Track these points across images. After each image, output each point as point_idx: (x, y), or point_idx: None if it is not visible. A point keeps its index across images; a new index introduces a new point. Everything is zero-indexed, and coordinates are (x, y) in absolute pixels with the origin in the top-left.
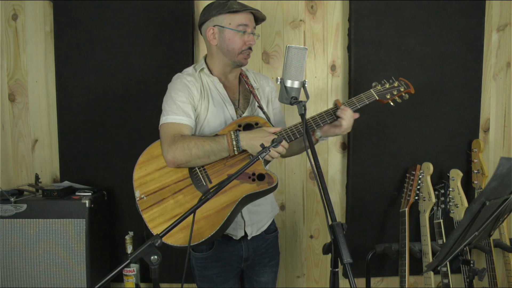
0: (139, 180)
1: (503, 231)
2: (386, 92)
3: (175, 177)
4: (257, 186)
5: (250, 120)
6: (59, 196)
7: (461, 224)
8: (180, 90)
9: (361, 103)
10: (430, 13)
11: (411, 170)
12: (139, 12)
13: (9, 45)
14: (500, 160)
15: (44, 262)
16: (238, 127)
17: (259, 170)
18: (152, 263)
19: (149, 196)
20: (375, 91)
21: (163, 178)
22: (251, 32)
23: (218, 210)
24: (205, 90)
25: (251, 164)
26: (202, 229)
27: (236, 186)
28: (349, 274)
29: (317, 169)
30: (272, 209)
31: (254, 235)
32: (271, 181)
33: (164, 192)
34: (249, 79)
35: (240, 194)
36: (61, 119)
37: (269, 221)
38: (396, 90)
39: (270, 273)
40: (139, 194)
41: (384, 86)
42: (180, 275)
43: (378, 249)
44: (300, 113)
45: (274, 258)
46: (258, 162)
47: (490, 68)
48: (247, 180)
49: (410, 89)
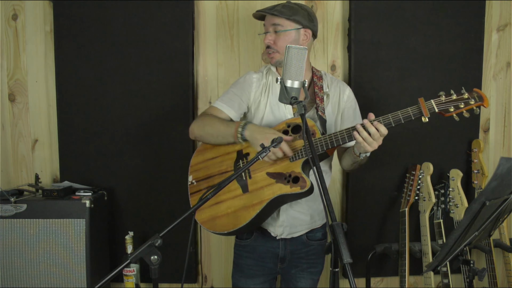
0: (194, 166)
1: (503, 231)
2: (450, 105)
3: (221, 168)
4: (290, 188)
5: (299, 121)
6: (59, 196)
7: (461, 224)
8: (238, 83)
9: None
10: (430, 13)
11: (411, 170)
12: (139, 12)
13: (9, 45)
14: (500, 160)
15: (44, 262)
16: (287, 127)
17: (296, 173)
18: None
19: (199, 182)
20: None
21: (212, 167)
22: (269, 30)
23: (248, 206)
24: (268, 87)
25: (251, 164)
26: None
27: (271, 185)
28: (349, 274)
29: (317, 169)
30: (312, 221)
31: (286, 238)
32: (303, 185)
33: (210, 180)
34: (322, 83)
35: (271, 194)
36: (61, 119)
37: (304, 230)
38: (463, 103)
39: (308, 279)
40: (191, 179)
41: (451, 97)
42: (180, 275)
43: (378, 249)
44: (300, 113)
45: (315, 266)
46: (297, 163)
47: (490, 68)
48: (282, 180)
49: (484, 102)
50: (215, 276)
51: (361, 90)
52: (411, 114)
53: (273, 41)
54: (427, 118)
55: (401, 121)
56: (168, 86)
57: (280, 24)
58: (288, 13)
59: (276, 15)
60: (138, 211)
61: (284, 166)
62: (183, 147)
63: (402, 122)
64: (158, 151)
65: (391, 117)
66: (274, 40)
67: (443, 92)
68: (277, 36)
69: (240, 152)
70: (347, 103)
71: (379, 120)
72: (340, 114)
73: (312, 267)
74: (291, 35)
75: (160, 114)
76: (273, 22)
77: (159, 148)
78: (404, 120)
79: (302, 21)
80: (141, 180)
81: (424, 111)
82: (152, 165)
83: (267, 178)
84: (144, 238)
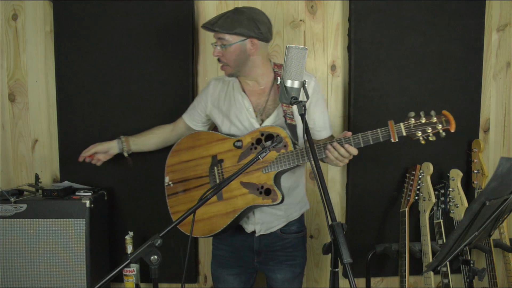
0: (170, 167)
1: (503, 231)
2: (417, 130)
3: (197, 172)
4: (262, 199)
5: (272, 131)
6: (59, 196)
7: (461, 224)
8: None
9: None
10: (430, 13)
11: (411, 170)
12: (139, 12)
13: (9, 45)
14: (500, 160)
15: (44, 262)
16: (261, 135)
17: (268, 185)
18: (152, 263)
19: (175, 184)
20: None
21: (188, 170)
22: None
23: (222, 214)
24: (228, 94)
25: (251, 164)
26: (205, 228)
27: (244, 195)
28: (349, 274)
29: (317, 169)
30: (288, 214)
31: (262, 234)
32: (275, 198)
33: (187, 184)
34: None
35: (244, 204)
36: (61, 119)
37: (281, 224)
38: (430, 128)
39: (287, 271)
40: (167, 180)
41: (420, 121)
42: (180, 275)
43: (378, 249)
44: (300, 113)
45: (293, 258)
46: (269, 175)
47: (490, 68)
48: (255, 191)
49: (451, 127)
50: None
51: (361, 90)
52: (380, 136)
53: (221, 54)
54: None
55: (370, 142)
56: (168, 86)
57: (224, 39)
58: (229, 27)
59: (217, 31)
60: (138, 211)
61: (257, 177)
62: None
63: (371, 143)
64: (158, 151)
65: (361, 137)
66: (222, 53)
67: (413, 113)
68: (224, 50)
69: (214, 157)
70: (313, 96)
71: (349, 139)
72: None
73: (290, 259)
74: (236, 48)
75: (160, 114)
76: (218, 37)
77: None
78: (373, 141)
79: (244, 32)
80: (141, 180)
81: (392, 135)
82: (152, 165)
83: (241, 188)
84: (144, 238)
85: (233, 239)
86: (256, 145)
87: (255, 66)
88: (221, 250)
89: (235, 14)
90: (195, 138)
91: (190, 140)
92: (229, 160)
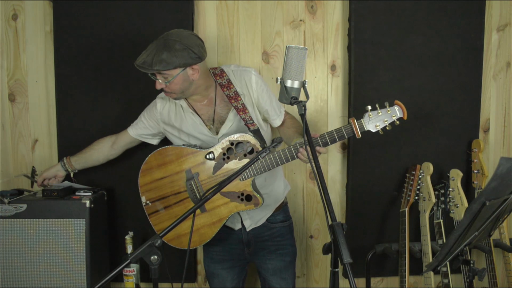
0: (144, 186)
1: (503, 231)
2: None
3: (174, 189)
4: (244, 206)
5: (241, 139)
6: (59, 196)
7: (461, 224)
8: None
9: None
10: (430, 13)
11: (411, 170)
12: (139, 12)
13: (9, 45)
14: (500, 160)
15: (44, 262)
16: (231, 145)
17: (248, 192)
18: (152, 263)
19: (154, 203)
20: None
21: (164, 188)
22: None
23: (209, 224)
24: (178, 111)
25: (251, 164)
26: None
27: (227, 203)
28: (349, 274)
29: (317, 169)
30: (271, 202)
31: (254, 227)
32: (257, 202)
33: (165, 201)
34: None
35: (228, 213)
36: (61, 119)
37: (268, 213)
38: (387, 118)
39: (278, 260)
40: (144, 200)
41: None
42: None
43: (378, 249)
44: (300, 113)
45: (283, 247)
46: (247, 182)
47: (490, 68)
48: (236, 199)
49: (403, 116)
50: None
51: (361, 90)
52: (344, 134)
53: (164, 86)
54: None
55: (336, 140)
56: None
57: (166, 74)
58: (168, 64)
59: (158, 70)
60: (138, 211)
61: (235, 185)
62: None
63: (337, 141)
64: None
65: (327, 136)
66: (166, 86)
67: (369, 107)
68: (167, 84)
69: (188, 172)
70: (258, 90)
71: (317, 139)
72: (256, 105)
73: (280, 249)
74: (179, 79)
75: None
76: (155, 75)
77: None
78: (339, 139)
79: (183, 62)
80: None
81: (356, 132)
82: None
83: (222, 198)
84: (144, 238)
85: (222, 234)
86: (228, 154)
87: (199, 86)
88: (212, 246)
89: (166, 48)
90: (163, 155)
91: (158, 157)
92: (204, 172)
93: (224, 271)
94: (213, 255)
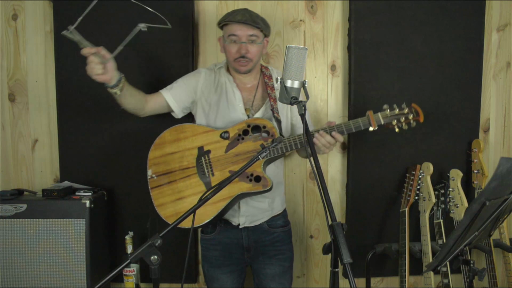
0: (153, 160)
1: (503, 231)
2: (393, 119)
3: (182, 164)
4: (252, 186)
5: (259, 122)
6: (59, 196)
7: (461, 224)
8: (186, 76)
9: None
10: (430, 13)
11: (411, 170)
12: (139, 12)
13: (9, 45)
14: (500, 160)
15: (44, 262)
16: (248, 127)
17: (257, 172)
18: (152, 263)
19: (159, 177)
20: (383, 116)
21: (172, 162)
22: (244, 41)
23: (214, 202)
24: (220, 86)
25: (251, 164)
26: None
27: (234, 183)
28: (349, 274)
29: (317, 169)
30: (272, 208)
31: (247, 226)
32: (265, 184)
33: (172, 175)
34: (273, 82)
35: (235, 192)
36: (61, 119)
37: (265, 218)
38: (404, 117)
39: (277, 266)
40: (150, 173)
41: (394, 111)
42: (180, 275)
43: (378, 249)
44: (300, 113)
45: (282, 252)
46: (258, 163)
47: (490, 68)
48: (245, 179)
49: (420, 118)
50: None
51: (361, 90)
52: (361, 124)
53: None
54: (376, 128)
55: (352, 130)
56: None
57: (256, 35)
58: (263, 26)
59: (257, 27)
60: (138, 211)
61: None
62: None
63: (353, 131)
64: None
65: (344, 126)
66: (249, 50)
67: (387, 106)
68: (251, 46)
69: (201, 149)
70: None
71: (333, 128)
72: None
73: (280, 253)
74: (260, 46)
75: (160, 114)
76: (251, 33)
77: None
78: (355, 129)
79: (267, 32)
80: (141, 180)
81: (372, 123)
82: None
83: None
84: (144, 238)
85: (221, 238)
86: (243, 135)
87: (257, 64)
88: (211, 251)
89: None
90: (179, 131)
91: (174, 133)
92: (216, 150)
93: (224, 276)
94: (212, 260)
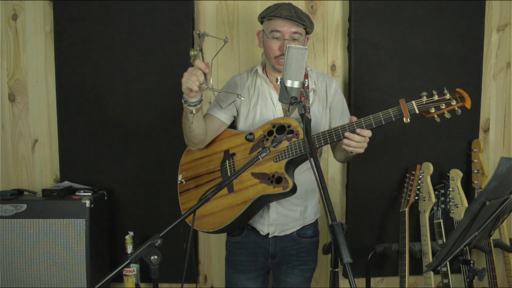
0: (184, 165)
1: (503, 231)
2: (430, 106)
3: (209, 168)
4: (273, 188)
5: (283, 122)
6: (59, 196)
7: (461, 224)
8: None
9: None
10: (430, 13)
11: (411, 170)
12: (139, 12)
13: (9, 45)
14: (500, 160)
15: (44, 262)
16: (272, 127)
17: (279, 173)
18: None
19: (187, 182)
20: (417, 104)
21: (201, 167)
22: (287, 38)
23: (233, 206)
24: (257, 89)
25: (250, 164)
26: (215, 221)
27: (255, 185)
28: (349, 274)
29: (317, 169)
30: (303, 217)
31: (277, 235)
32: (286, 185)
33: (198, 180)
34: (307, 81)
35: (255, 194)
36: (61, 119)
37: (296, 227)
38: (444, 104)
39: (298, 276)
40: (180, 178)
41: (432, 98)
42: (180, 275)
43: (378, 249)
44: (300, 113)
45: (306, 263)
46: (280, 164)
47: (490, 68)
48: (266, 180)
49: (466, 103)
50: (215, 276)
51: (361, 90)
52: (391, 115)
53: None
54: (409, 119)
55: (382, 122)
56: (168, 86)
57: (300, 33)
58: (308, 23)
59: (302, 24)
60: (138, 211)
61: (268, 166)
62: (183, 147)
63: (383, 123)
64: (158, 151)
65: (373, 118)
66: None
67: (425, 93)
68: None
69: (226, 152)
70: (335, 96)
71: (361, 121)
72: (329, 108)
73: (303, 264)
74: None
75: (160, 114)
76: (295, 31)
77: (159, 148)
78: (385, 121)
79: (310, 30)
80: (141, 180)
81: (404, 113)
82: (152, 165)
83: (252, 178)
84: (144, 238)
85: (247, 242)
86: (268, 136)
87: None
88: (237, 255)
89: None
90: None
91: None
92: (240, 153)
93: (249, 282)
94: (237, 264)
